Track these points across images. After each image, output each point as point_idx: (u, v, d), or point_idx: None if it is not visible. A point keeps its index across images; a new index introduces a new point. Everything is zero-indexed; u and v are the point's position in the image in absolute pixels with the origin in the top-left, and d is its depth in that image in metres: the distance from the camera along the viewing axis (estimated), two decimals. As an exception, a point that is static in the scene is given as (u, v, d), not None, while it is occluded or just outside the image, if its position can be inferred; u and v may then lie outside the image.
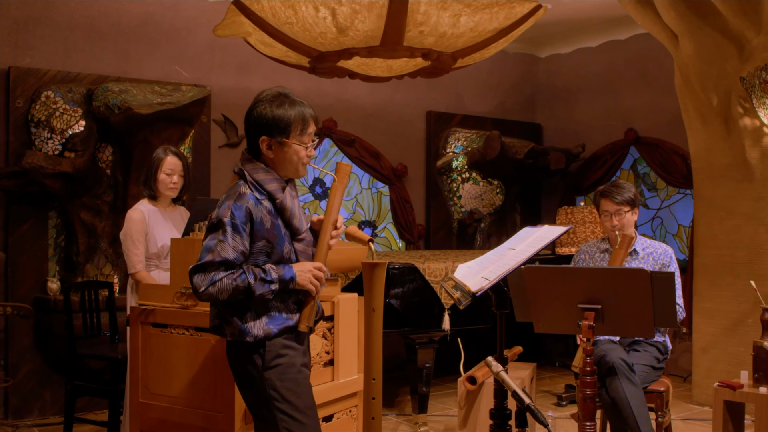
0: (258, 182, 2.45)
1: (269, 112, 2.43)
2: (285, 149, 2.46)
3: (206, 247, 2.39)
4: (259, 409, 2.47)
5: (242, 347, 2.45)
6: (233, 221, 2.38)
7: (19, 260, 5.03)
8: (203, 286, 2.36)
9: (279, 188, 2.47)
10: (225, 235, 2.37)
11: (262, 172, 2.47)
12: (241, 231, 2.39)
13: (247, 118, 2.50)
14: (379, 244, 6.94)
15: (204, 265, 2.37)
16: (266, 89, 2.52)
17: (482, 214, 7.23)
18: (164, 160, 3.91)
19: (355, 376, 3.58)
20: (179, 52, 5.76)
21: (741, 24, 4.91)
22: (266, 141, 2.46)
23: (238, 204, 2.40)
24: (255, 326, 2.42)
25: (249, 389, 2.48)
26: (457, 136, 7.23)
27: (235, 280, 2.36)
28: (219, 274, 2.36)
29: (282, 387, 2.42)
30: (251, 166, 2.49)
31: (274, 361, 2.43)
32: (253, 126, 2.47)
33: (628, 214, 3.77)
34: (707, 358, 5.38)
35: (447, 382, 6.14)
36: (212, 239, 2.39)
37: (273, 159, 2.48)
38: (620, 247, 3.55)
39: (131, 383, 3.34)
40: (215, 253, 2.36)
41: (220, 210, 2.41)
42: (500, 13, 4.30)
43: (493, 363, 2.60)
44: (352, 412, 3.62)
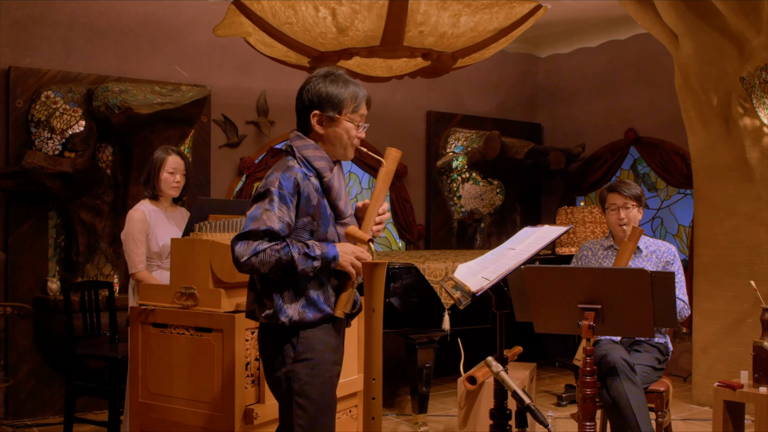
0: (306, 158, 2.41)
1: (323, 88, 2.42)
2: (336, 125, 2.44)
3: (251, 216, 2.33)
4: (280, 398, 2.46)
5: (275, 333, 2.40)
6: (281, 191, 2.33)
7: (19, 260, 5.03)
8: (246, 256, 2.29)
9: (327, 167, 2.44)
10: (272, 204, 2.32)
11: (312, 149, 2.44)
12: (288, 202, 2.34)
13: (299, 94, 2.47)
14: (379, 244, 6.94)
15: (248, 234, 2.30)
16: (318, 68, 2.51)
17: (482, 214, 7.23)
18: (166, 159, 3.91)
19: (355, 376, 3.58)
20: (179, 52, 5.76)
21: (741, 24, 4.91)
22: (318, 115, 2.43)
23: (286, 175, 2.36)
24: (291, 307, 2.37)
25: (274, 376, 2.44)
26: (457, 136, 7.23)
27: (278, 252, 2.30)
28: (263, 244, 2.30)
29: (307, 383, 2.38)
30: (300, 142, 2.45)
31: (306, 354, 2.39)
32: (305, 101, 2.44)
33: (635, 209, 3.81)
34: (707, 358, 5.38)
35: (447, 382, 6.14)
36: (258, 208, 2.33)
37: (323, 135, 2.45)
38: (630, 240, 3.56)
39: (131, 383, 3.34)
40: (260, 222, 2.30)
41: (267, 180, 2.36)
42: (500, 13, 4.30)
43: (493, 363, 2.60)
44: (352, 412, 3.62)
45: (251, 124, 6.13)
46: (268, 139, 6.20)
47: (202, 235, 3.22)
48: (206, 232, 3.25)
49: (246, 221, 2.33)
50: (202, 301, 3.07)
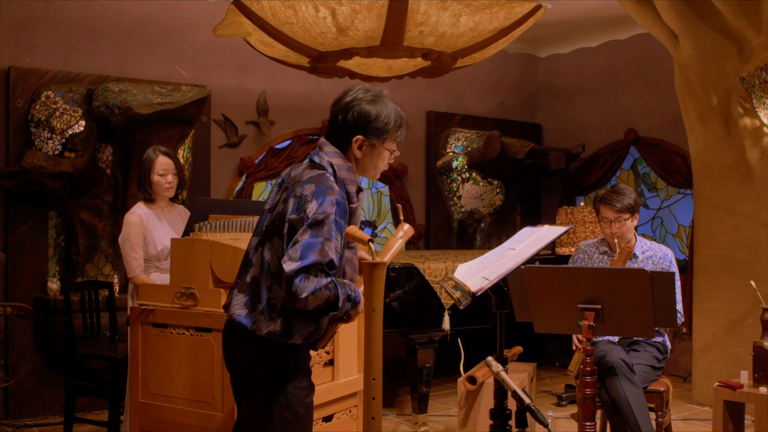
0: (343, 180, 2.32)
1: (373, 112, 2.33)
2: (375, 152, 2.38)
3: (309, 245, 2.15)
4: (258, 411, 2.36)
5: (269, 348, 2.30)
6: (337, 219, 2.22)
7: (19, 260, 5.03)
8: (306, 292, 2.13)
9: (355, 191, 2.36)
10: (331, 233, 2.18)
11: (349, 171, 2.35)
12: (342, 229, 2.25)
13: (342, 112, 2.35)
14: (379, 244, 6.94)
15: (309, 267, 2.13)
16: (359, 86, 2.39)
17: (482, 214, 7.23)
18: (155, 161, 3.88)
19: (355, 376, 3.58)
20: (179, 52, 5.76)
21: (741, 24, 4.91)
22: (360, 141, 2.35)
23: (338, 199, 2.24)
24: (300, 331, 2.27)
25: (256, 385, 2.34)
26: (457, 136, 7.23)
27: (330, 291, 2.18)
28: (321, 280, 2.15)
29: (293, 395, 2.33)
30: (340, 161, 2.33)
31: (296, 367, 2.35)
32: (349, 120, 2.34)
33: (628, 221, 3.73)
34: (707, 358, 5.38)
35: (447, 382, 6.14)
36: (315, 236, 2.16)
37: (359, 159, 2.37)
38: (618, 259, 3.54)
39: (131, 383, 3.34)
40: (323, 254, 2.15)
41: (323, 205, 2.20)
42: (500, 13, 4.30)
43: (493, 363, 2.60)
44: (352, 412, 3.62)
45: (251, 124, 6.13)
46: (268, 139, 6.20)
47: (202, 235, 3.22)
48: (206, 232, 3.25)
49: (304, 250, 2.14)
50: (202, 301, 3.07)
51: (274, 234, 2.29)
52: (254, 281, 2.32)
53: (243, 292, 2.33)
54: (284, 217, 2.26)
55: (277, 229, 2.28)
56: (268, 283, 2.28)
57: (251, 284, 2.33)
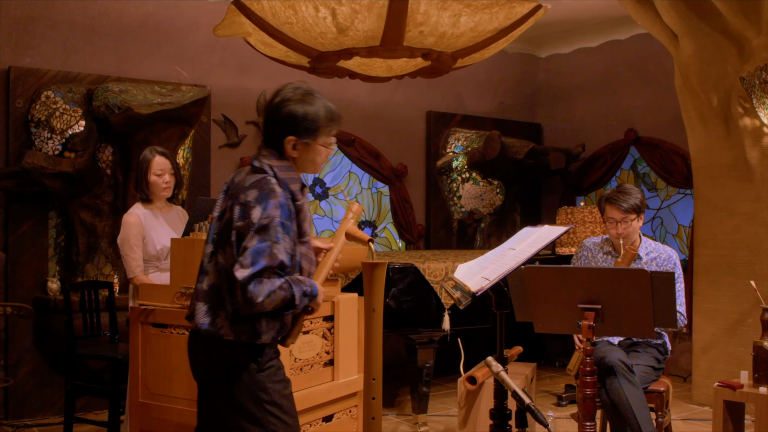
0: (284, 181, 2.34)
1: (301, 112, 2.36)
2: (310, 150, 2.40)
3: (258, 250, 2.19)
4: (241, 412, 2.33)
5: (239, 349, 2.31)
6: (282, 221, 2.25)
7: (19, 260, 5.03)
8: (260, 297, 2.17)
9: (299, 189, 2.38)
10: (278, 236, 2.22)
11: (289, 170, 2.37)
12: (290, 230, 2.27)
13: (272, 114, 2.39)
14: (379, 244, 6.94)
15: (261, 272, 2.17)
16: (289, 85, 2.42)
17: (482, 214, 7.23)
18: (152, 161, 3.88)
19: (355, 376, 3.58)
20: (179, 52, 5.76)
21: (741, 24, 4.91)
22: (293, 141, 2.37)
23: (282, 201, 2.27)
24: (266, 330, 2.30)
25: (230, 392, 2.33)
26: (457, 136, 7.23)
27: (285, 291, 2.22)
28: (275, 282, 2.20)
29: (273, 389, 2.34)
30: (278, 162, 2.36)
31: (267, 363, 2.35)
32: (279, 124, 2.37)
33: (634, 221, 3.70)
34: (707, 358, 5.38)
35: (447, 382, 6.14)
36: (263, 241, 2.20)
37: (296, 159, 2.40)
38: (623, 261, 3.53)
39: (131, 383, 3.34)
40: (273, 258, 2.19)
41: (267, 209, 2.24)
42: (500, 13, 4.30)
43: (493, 363, 2.60)
44: (352, 412, 3.62)
45: (251, 124, 6.13)
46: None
47: (202, 235, 3.22)
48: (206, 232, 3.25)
49: (253, 256, 2.18)
50: (202, 301, 3.06)
51: (224, 242, 2.32)
52: (213, 288, 2.34)
53: (203, 300, 2.35)
54: (231, 224, 2.29)
55: (226, 237, 2.31)
56: (227, 289, 2.29)
57: (210, 292, 2.34)
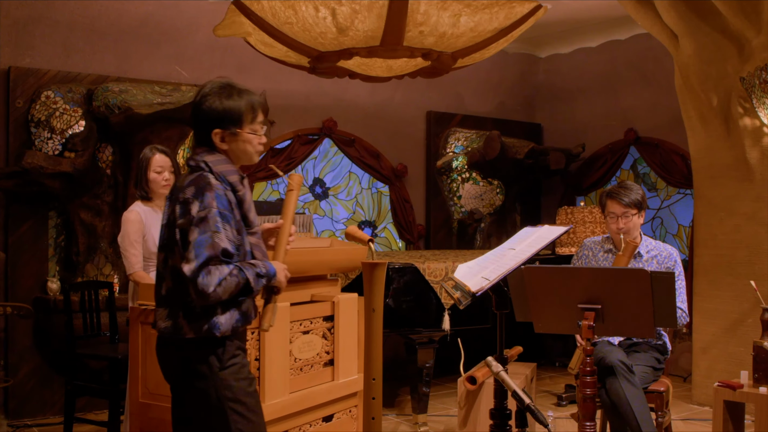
0: (221, 173, 2.40)
1: (219, 105, 2.41)
2: (238, 140, 2.44)
3: (200, 242, 2.25)
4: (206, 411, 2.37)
5: (200, 345, 2.34)
6: (221, 211, 2.31)
7: (19, 260, 5.03)
8: (211, 286, 2.23)
9: (239, 180, 2.44)
10: (217, 225, 2.28)
11: (224, 163, 2.43)
12: (229, 220, 2.33)
13: (196, 113, 2.45)
14: (379, 244, 6.94)
15: (206, 262, 2.24)
16: (209, 81, 2.48)
17: (482, 214, 7.23)
18: (152, 159, 3.90)
19: (355, 376, 3.58)
20: (179, 52, 5.76)
21: (741, 24, 4.91)
22: (219, 133, 2.42)
23: (218, 193, 2.33)
24: (224, 322, 2.33)
25: (196, 389, 2.37)
26: (457, 136, 7.23)
27: (237, 276, 2.28)
28: (222, 270, 2.25)
29: (237, 387, 2.36)
30: (212, 157, 2.42)
31: (230, 361, 2.37)
32: (204, 120, 2.43)
33: (635, 216, 3.70)
34: (707, 358, 5.38)
35: (447, 382, 6.14)
36: (203, 232, 2.26)
37: (227, 151, 2.45)
38: (623, 254, 3.52)
39: (131, 383, 3.34)
40: (214, 247, 2.26)
41: (204, 202, 2.30)
42: (500, 13, 4.30)
43: (493, 363, 2.60)
44: (352, 412, 3.62)
45: (251, 124, 6.13)
46: (268, 139, 6.19)
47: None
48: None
49: (196, 248, 2.24)
50: (202, 301, 3.06)
51: (172, 243, 2.37)
52: (170, 292, 2.39)
53: (162, 305, 2.41)
54: (175, 224, 2.35)
55: (173, 238, 2.36)
56: (182, 289, 2.34)
57: (168, 296, 2.40)
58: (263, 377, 3.12)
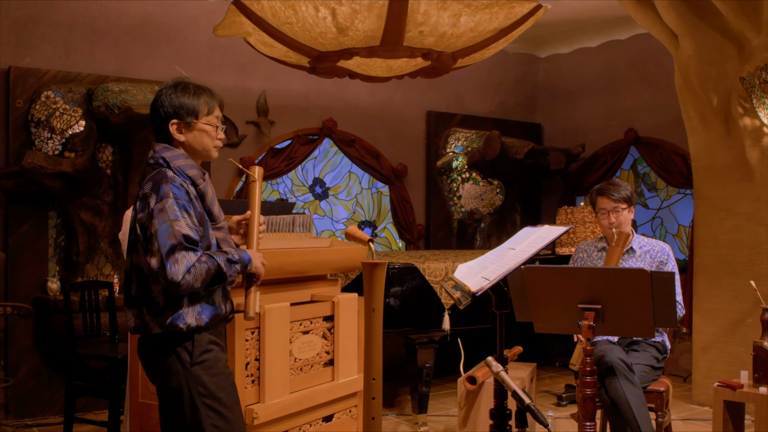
0: (180, 168, 2.41)
1: (176, 98, 2.46)
2: (195, 131, 2.47)
3: (161, 232, 2.25)
4: (180, 407, 2.38)
5: (167, 340, 2.35)
6: (177, 200, 2.31)
7: (19, 260, 5.03)
8: (180, 274, 2.23)
9: (199, 174, 2.45)
10: (176, 213, 2.29)
11: (182, 158, 2.45)
12: (188, 209, 2.34)
13: (154, 110, 2.49)
14: (379, 244, 6.94)
15: (171, 250, 2.24)
16: (166, 83, 2.54)
17: (482, 214, 7.23)
18: None
19: (355, 376, 3.58)
20: (179, 52, 5.76)
21: (741, 24, 4.91)
22: (176, 124, 2.45)
23: (175, 185, 2.34)
24: (188, 314, 2.33)
25: (169, 386, 2.38)
26: (457, 136, 7.23)
27: (206, 263, 2.28)
28: (190, 257, 2.25)
29: (210, 382, 2.36)
30: (170, 153, 2.44)
31: (202, 356, 2.37)
32: (161, 113, 2.46)
33: (625, 211, 3.77)
34: (707, 358, 5.38)
35: (447, 382, 6.14)
36: (163, 223, 2.27)
37: (184, 143, 2.47)
38: (616, 245, 3.55)
39: (131, 383, 3.34)
40: (175, 234, 2.25)
41: (160, 193, 2.31)
42: (500, 13, 4.30)
43: (493, 363, 2.60)
44: (352, 412, 3.62)
45: (251, 124, 6.13)
46: (268, 139, 6.20)
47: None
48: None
49: (159, 239, 2.25)
50: (202, 301, 3.06)
51: (136, 241, 2.39)
52: (138, 292, 2.41)
53: (132, 306, 2.43)
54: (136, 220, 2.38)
55: (135, 236, 2.39)
56: (147, 286, 2.36)
57: (137, 296, 2.41)
58: (263, 377, 3.12)
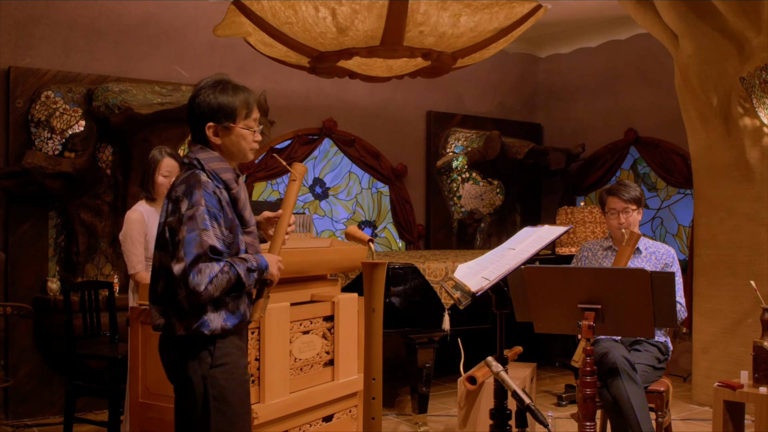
0: (214, 171, 2.39)
1: (213, 99, 2.40)
2: (232, 135, 2.43)
3: (188, 240, 2.25)
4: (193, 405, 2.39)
5: (191, 342, 2.35)
6: (209, 209, 2.30)
7: (19, 260, 5.03)
8: (202, 285, 2.23)
9: (233, 178, 2.43)
10: (205, 223, 2.27)
11: (217, 161, 2.42)
12: (218, 218, 2.32)
13: (191, 109, 2.44)
14: (379, 244, 6.93)
15: (196, 260, 2.24)
16: (204, 80, 2.47)
17: (482, 214, 7.23)
18: (161, 162, 3.91)
19: (355, 376, 3.58)
20: (179, 52, 5.76)
21: (741, 24, 4.91)
22: (213, 127, 2.41)
23: (207, 191, 2.32)
24: (214, 320, 2.33)
25: (186, 384, 2.39)
26: (457, 136, 7.23)
27: (228, 273, 2.28)
28: (213, 267, 2.25)
29: (226, 387, 2.37)
30: (205, 155, 2.41)
31: (222, 359, 2.37)
32: (197, 114, 2.42)
33: (635, 212, 3.80)
34: (707, 358, 5.38)
35: (447, 382, 6.14)
36: (191, 230, 2.26)
37: (220, 146, 2.44)
38: (627, 244, 3.55)
39: (131, 383, 3.34)
40: (202, 244, 2.25)
41: (192, 199, 2.30)
42: (500, 13, 4.30)
43: (493, 363, 2.60)
44: (352, 412, 3.62)
45: (251, 124, 6.12)
46: (268, 139, 6.20)
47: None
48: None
49: (185, 247, 2.25)
50: (202, 301, 3.06)
51: (165, 242, 2.37)
52: (164, 291, 2.39)
53: (156, 303, 2.42)
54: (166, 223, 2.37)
55: (164, 237, 2.37)
56: (174, 289, 2.35)
57: (163, 294, 2.40)
58: (263, 377, 3.12)
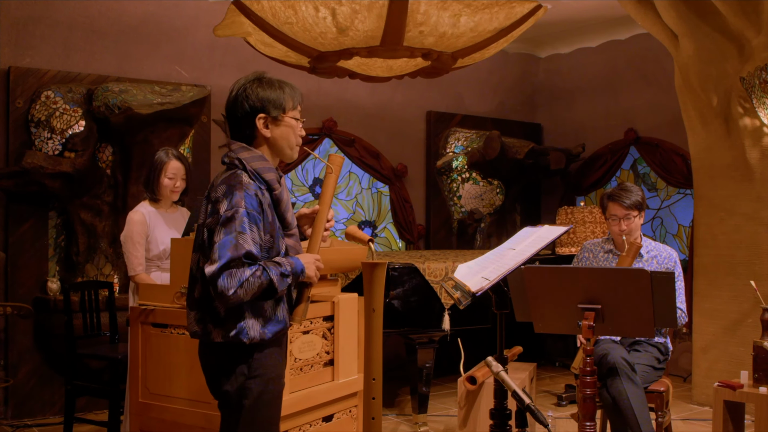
0: (256, 171, 2.32)
1: (262, 91, 2.36)
2: (282, 125, 2.39)
3: (225, 243, 2.19)
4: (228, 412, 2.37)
5: (228, 350, 2.31)
6: (249, 211, 2.22)
7: (19, 260, 5.03)
8: (232, 288, 2.16)
9: (276, 178, 2.36)
10: (243, 226, 2.20)
11: (260, 160, 2.35)
12: (258, 221, 2.25)
13: (234, 106, 2.38)
14: (379, 244, 6.93)
15: (228, 264, 2.17)
16: (239, 80, 2.43)
17: (482, 214, 7.23)
18: (167, 164, 3.89)
19: (355, 376, 3.58)
20: (179, 52, 5.76)
21: (741, 24, 4.91)
22: (264, 118, 2.36)
23: (249, 193, 2.25)
24: (252, 328, 2.27)
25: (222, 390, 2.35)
26: (457, 136, 7.23)
27: (260, 278, 2.20)
28: (245, 272, 2.18)
29: (259, 399, 2.33)
30: (248, 154, 2.35)
31: (259, 369, 2.32)
32: (246, 108, 2.36)
33: (636, 218, 3.75)
34: (707, 358, 5.38)
35: (447, 382, 6.14)
36: (228, 233, 2.19)
37: (269, 138, 2.39)
38: (627, 255, 3.53)
39: (131, 383, 3.34)
40: (238, 248, 2.18)
41: (231, 201, 2.23)
42: (500, 13, 4.30)
43: (493, 363, 2.60)
44: (352, 412, 3.62)
45: (251, 124, 6.12)
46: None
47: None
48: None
49: (219, 249, 2.18)
50: (202, 301, 3.06)
51: (203, 244, 2.32)
52: (202, 295, 2.34)
53: (193, 308, 2.37)
54: (205, 224, 2.31)
55: (202, 238, 2.32)
56: (209, 293, 2.29)
57: (200, 299, 2.34)
58: (263, 377, 3.12)
